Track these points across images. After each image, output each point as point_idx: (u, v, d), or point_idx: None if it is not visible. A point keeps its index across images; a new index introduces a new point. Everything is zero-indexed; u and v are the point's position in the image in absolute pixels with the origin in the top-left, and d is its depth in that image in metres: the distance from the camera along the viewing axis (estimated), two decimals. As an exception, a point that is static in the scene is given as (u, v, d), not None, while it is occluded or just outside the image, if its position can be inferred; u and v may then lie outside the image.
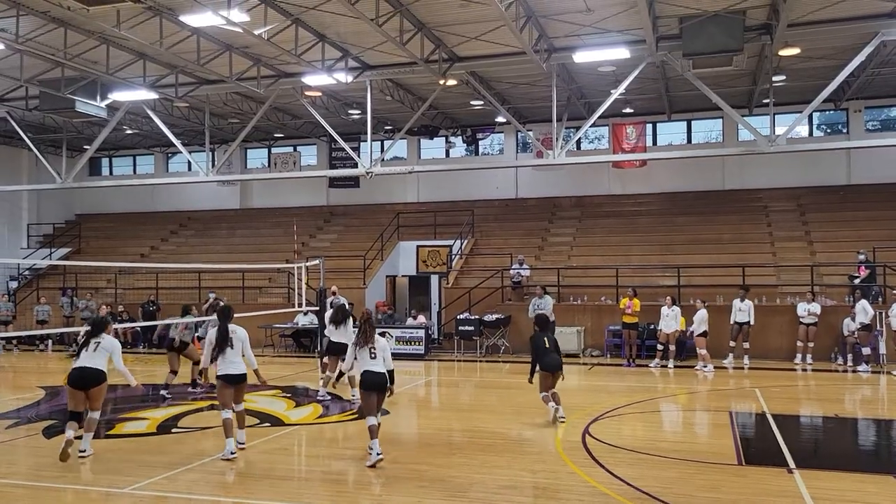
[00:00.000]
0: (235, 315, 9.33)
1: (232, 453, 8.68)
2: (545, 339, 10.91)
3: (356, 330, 9.15)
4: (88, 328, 9.25)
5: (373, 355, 8.61)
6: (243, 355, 9.00)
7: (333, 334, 12.83)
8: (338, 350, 12.48)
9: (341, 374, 13.22)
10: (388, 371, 8.71)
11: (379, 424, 8.58)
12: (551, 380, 10.79)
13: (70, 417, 8.70)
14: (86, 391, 8.76)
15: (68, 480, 7.96)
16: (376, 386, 8.58)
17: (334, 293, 17.79)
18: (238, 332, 8.99)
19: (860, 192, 23.61)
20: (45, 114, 21.16)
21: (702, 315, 16.61)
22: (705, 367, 16.28)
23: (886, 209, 22.46)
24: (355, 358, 8.79)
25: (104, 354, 8.91)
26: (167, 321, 15.54)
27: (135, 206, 30.96)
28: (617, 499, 7.13)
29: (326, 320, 13.61)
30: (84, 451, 8.85)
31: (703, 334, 16.57)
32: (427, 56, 16.78)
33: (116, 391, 13.98)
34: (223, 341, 8.82)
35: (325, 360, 13.63)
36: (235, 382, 8.91)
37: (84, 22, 15.30)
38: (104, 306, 21.42)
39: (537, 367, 10.77)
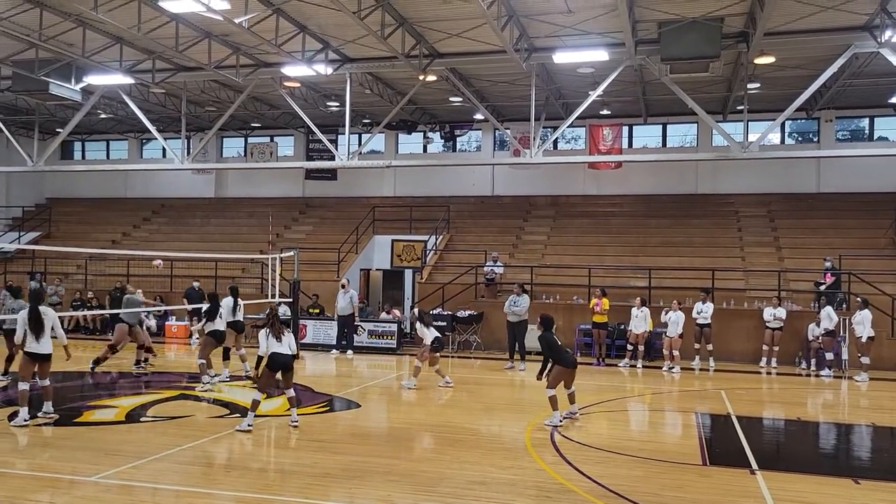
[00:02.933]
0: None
1: (25, 421, 9.57)
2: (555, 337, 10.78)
3: (267, 324, 10.11)
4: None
5: (280, 340, 9.93)
6: (54, 336, 9.97)
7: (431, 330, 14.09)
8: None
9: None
10: (293, 354, 10.14)
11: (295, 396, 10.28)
12: (572, 376, 10.71)
13: None
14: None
15: (32, 467, 7.89)
16: (284, 366, 9.97)
17: (343, 287, 19.40)
18: (48, 314, 9.88)
19: (829, 200, 24.04)
20: (17, 95, 20.77)
21: (678, 317, 16.82)
22: (672, 368, 16.51)
23: (853, 218, 22.93)
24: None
25: None
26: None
27: (107, 192, 30.55)
28: (584, 496, 7.24)
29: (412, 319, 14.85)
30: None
31: (680, 336, 16.82)
32: (407, 51, 16.78)
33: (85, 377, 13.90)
34: (36, 322, 9.67)
35: (431, 354, 14.17)
36: (42, 360, 9.85)
37: (60, 3, 15.09)
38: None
39: (552, 365, 10.50)
